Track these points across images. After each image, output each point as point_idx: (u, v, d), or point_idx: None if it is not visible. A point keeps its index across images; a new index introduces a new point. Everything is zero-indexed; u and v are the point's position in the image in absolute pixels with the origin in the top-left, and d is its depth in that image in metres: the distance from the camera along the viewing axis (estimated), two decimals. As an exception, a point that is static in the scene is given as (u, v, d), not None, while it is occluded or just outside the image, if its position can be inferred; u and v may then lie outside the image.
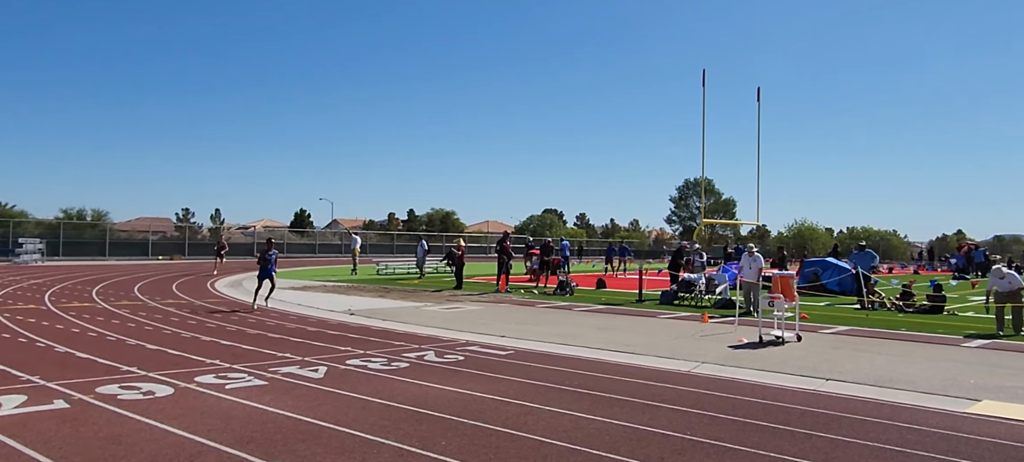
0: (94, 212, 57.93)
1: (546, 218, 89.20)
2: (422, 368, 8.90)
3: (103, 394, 6.96)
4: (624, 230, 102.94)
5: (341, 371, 8.57)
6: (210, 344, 10.60)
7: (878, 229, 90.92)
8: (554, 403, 7.00)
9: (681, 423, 6.32)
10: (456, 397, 7.22)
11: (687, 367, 9.31)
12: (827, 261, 24.20)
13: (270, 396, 7.07)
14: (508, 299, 19.37)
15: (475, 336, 12.00)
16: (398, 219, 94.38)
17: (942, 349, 11.06)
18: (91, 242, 45.95)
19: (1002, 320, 13.03)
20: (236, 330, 12.29)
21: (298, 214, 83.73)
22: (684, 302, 18.29)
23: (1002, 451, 5.68)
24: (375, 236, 69.59)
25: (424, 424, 6.11)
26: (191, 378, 7.87)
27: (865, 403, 7.37)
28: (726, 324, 13.59)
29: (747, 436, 5.94)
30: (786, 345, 11.05)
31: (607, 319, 14.76)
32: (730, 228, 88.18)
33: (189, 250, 48.41)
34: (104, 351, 9.69)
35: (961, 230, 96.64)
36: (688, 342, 11.46)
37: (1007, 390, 8.02)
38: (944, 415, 6.90)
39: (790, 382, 8.37)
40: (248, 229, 72.50)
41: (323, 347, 10.49)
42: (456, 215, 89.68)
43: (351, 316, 14.89)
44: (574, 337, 11.89)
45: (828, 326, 13.65)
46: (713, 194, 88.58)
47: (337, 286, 23.53)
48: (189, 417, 6.17)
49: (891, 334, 12.75)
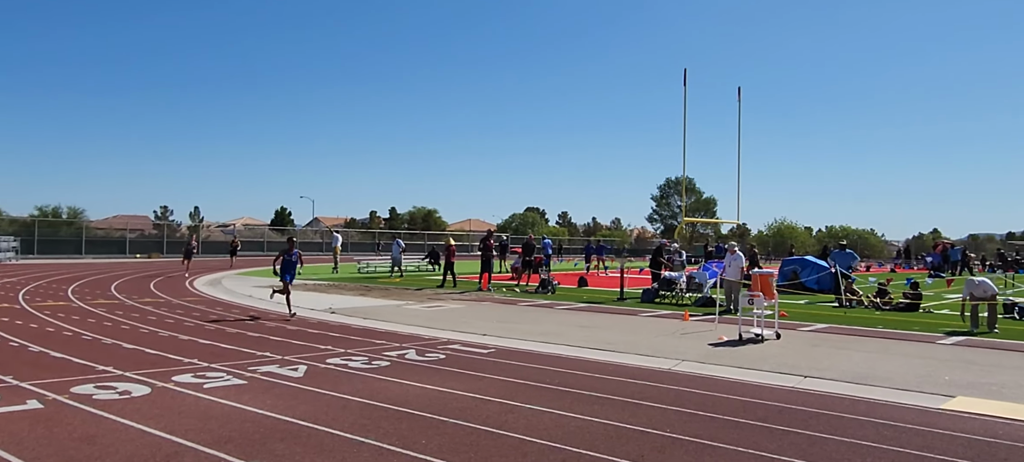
0: (70, 209, 57.04)
1: (528, 217, 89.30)
2: (403, 367, 8.86)
3: (78, 394, 6.86)
4: (606, 229, 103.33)
5: (321, 370, 8.51)
6: (188, 343, 10.48)
7: (856, 228, 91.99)
8: (535, 401, 7.01)
9: (661, 420, 6.35)
10: (437, 396, 7.20)
11: (668, 365, 9.36)
12: (806, 259, 24.45)
13: (249, 395, 7.01)
14: (490, 298, 19.36)
15: (457, 334, 11.98)
16: (380, 217, 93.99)
17: (918, 346, 11.21)
18: (67, 240, 45.30)
19: (976, 318, 13.23)
20: (215, 329, 12.17)
21: (279, 212, 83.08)
22: (665, 300, 18.39)
23: (975, 446, 5.77)
24: (356, 234, 69.29)
25: (405, 423, 6.09)
26: (169, 377, 7.78)
27: (842, 400, 7.46)
28: (706, 322, 13.68)
29: (726, 433, 5.98)
30: (765, 343, 11.15)
31: (588, 317, 14.79)
32: (710, 227, 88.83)
33: (167, 248, 47.86)
34: (79, 350, 9.55)
35: (937, 229, 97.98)
36: (669, 340, 11.52)
37: (981, 386, 8.14)
38: (920, 411, 6.99)
39: (769, 379, 8.44)
40: (228, 227, 71.83)
41: (303, 346, 10.41)
42: (438, 213, 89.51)
43: (332, 315, 14.80)
44: (555, 335, 11.91)
45: (807, 324, 13.78)
46: (694, 193, 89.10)
47: (318, 284, 23.38)
48: (166, 417, 6.10)
49: (868, 332, 12.91)
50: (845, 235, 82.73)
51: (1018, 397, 7.62)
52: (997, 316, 13.31)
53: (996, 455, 5.55)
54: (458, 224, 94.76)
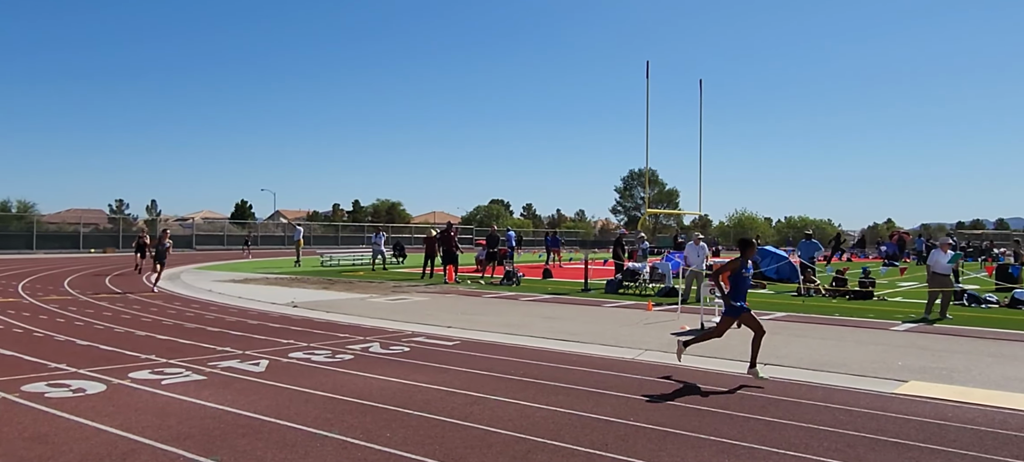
0: (20, 203, 55.25)
1: (493, 209, 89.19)
2: (367, 360, 8.79)
3: (29, 392, 6.66)
4: (570, 220, 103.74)
5: (283, 364, 8.40)
6: (145, 339, 10.25)
7: (814, 218, 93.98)
8: (500, 392, 7.02)
9: (625, 409, 6.41)
10: (401, 388, 7.16)
11: (631, 355, 9.45)
12: (766, 249, 24.86)
13: (209, 391, 6.88)
14: (455, 290, 19.31)
15: (421, 327, 11.92)
16: (343, 210, 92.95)
17: (872, 333, 11.51)
18: (17, 235, 43.90)
19: (932, 305, 13.58)
20: (173, 324, 11.92)
21: (239, 205, 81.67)
22: (629, 291, 18.55)
23: (927, 429, 5.95)
24: (319, 227, 68.42)
25: (369, 416, 6.04)
26: (125, 374, 7.60)
27: (800, 386, 7.62)
28: (670, 312, 13.84)
29: (689, 421, 6.07)
30: (726, 331, 11.30)
31: (553, 309, 14.86)
32: (674, 218, 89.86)
33: (123, 243, 46.67)
34: (31, 348, 9.27)
35: (890, 219, 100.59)
36: (632, 330, 11.64)
37: (932, 371, 8.40)
38: (874, 396, 7.18)
39: (730, 367, 8.58)
40: (186, 221, 70.31)
41: (265, 340, 10.26)
42: (402, 206, 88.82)
43: (294, 308, 14.61)
44: (520, 327, 11.93)
45: (767, 312, 14.04)
46: (657, 184, 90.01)
47: (280, 278, 23.06)
48: (122, 414, 5.95)
49: (825, 319, 13.21)
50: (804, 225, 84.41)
51: (967, 381, 7.88)
52: (949, 303, 13.72)
53: (945, 437, 5.73)
54: (422, 216, 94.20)
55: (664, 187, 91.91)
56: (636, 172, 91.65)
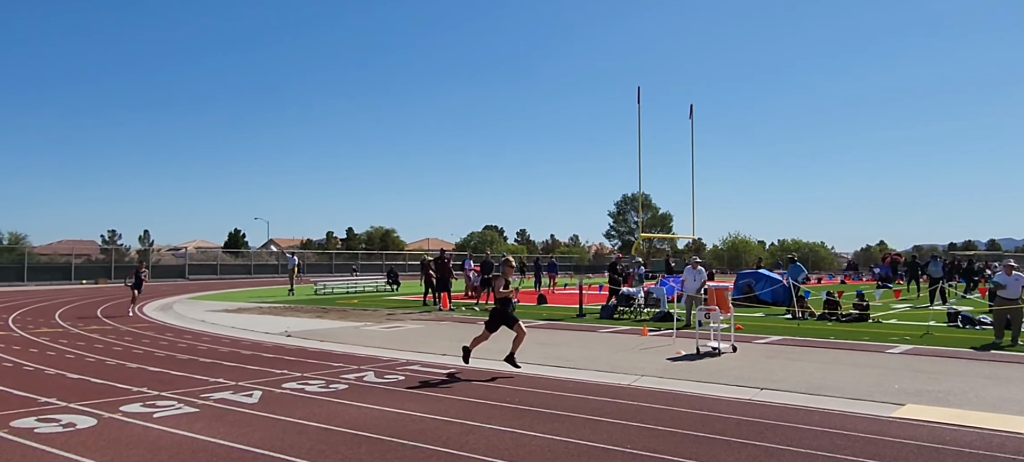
0: (11, 235, 55.10)
1: (487, 235, 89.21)
2: (361, 389, 8.73)
3: (18, 428, 6.57)
4: (564, 245, 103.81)
5: (277, 395, 8.32)
6: (137, 371, 10.15)
7: (807, 241, 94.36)
8: (495, 420, 6.96)
9: (621, 436, 6.37)
10: (395, 418, 7.10)
11: (627, 380, 9.41)
12: (760, 272, 24.90)
13: (201, 423, 6.81)
14: (449, 317, 19.23)
15: (416, 355, 11.86)
16: (337, 238, 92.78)
17: (868, 356, 11.50)
18: (8, 267, 43.61)
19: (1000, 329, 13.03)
20: (165, 356, 11.82)
21: (232, 234, 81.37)
22: (624, 316, 18.52)
23: (925, 452, 5.93)
24: (313, 256, 68.23)
25: (363, 447, 5.98)
26: (116, 408, 7.51)
27: (797, 411, 7.59)
28: (664, 337, 13.81)
29: (685, 447, 6.02)
30: (722, 356, 11.30)
31: (548, 334, 14.81)
32: (667, 242, 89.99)
33: (115, 273, 46.41)
34: (20, 382, 9.16)
35: (883, 241, 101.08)
36: (627, 355, 11.60)
37: (929, 394, 8.38)
38: (871, 420, 7.15)
39: (726, 392, 8.55)
40: (180, 250, 69.98)
41: (258, 371, 10.18)
42: (396, 233, 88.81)
43: (288, 338, 14.51)
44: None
45: (762, 336, 14.03)
46: (650, 209, 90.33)
47: (273, 307, 22.93)
48: (113, 449, 5.88)
49: (821, 343, 13.19)
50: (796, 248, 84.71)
51: (964, 403, 7.86)
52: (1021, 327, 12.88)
53: (943, 460, 5.70)
54: (416, 243, 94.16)
55: (657, 211, 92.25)
56: (629, 196, 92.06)
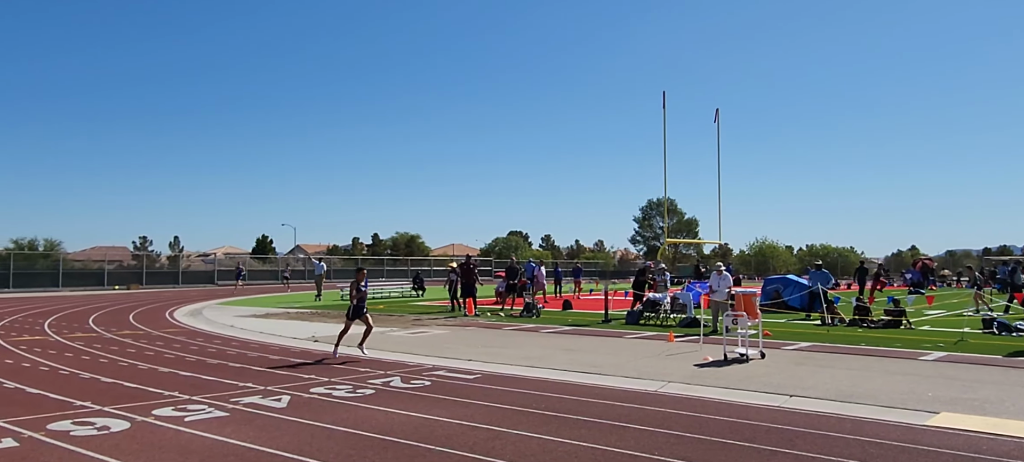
0: (46, 241, 56.36)
1: (512, 240, 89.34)
2: (388, 394, 8.77)
3: (55, 431, 6.71)
4: (590, 251, 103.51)
5: (305, 399, 8.40)
6: (168, 375, 10.32)
7: (836, 246, 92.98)
8: (522, 427, 6.96)
9: (649, 443, 6.33)
10: (422, 423, 7.12)
11: (654, 387, 9.35)
12: (788, 278, 24.60)
13: (231, 427, 6.90)
14: (475, 322, 19.27)
15: (442, 360, 11.89)
16: (362, 243, 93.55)
17: (900, 363, 11.29)
18: (43, 273, 44.63)
19: None
20: (196, 360, 12.00)
21: (260, 240, 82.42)
22: (650, 322, 18.40)
23: (960, 462, 5.80)
24: (339, 261, 68.85)
25: (390, 452, 6.01)
26: (148, 411, 7.64)
27: (828, 418, 7.48)
28: (691, 343, 13.70)
29: (714, 454, 5.96)
30: (750, 362, 11.18)
31: (574, 340, 14.76)
32: (693, 247, 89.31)
33: (147, 279, 47.29)
34: (56, 386, 9.36)
35: (915, 246, 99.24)
36: (654, 362, 11.52)
37: (963, 401, 8.21)
38: (904, 428, 7.02)
39: (755, 399, 8.45)
40: (209, 256, 71.08)
41: (286, 375, 10.29)
42: (421, 239, 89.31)
43: (315, 343, 14.65)
44: (541, 359, 11.86)
45: (791, 343, 13.85)
46: (676, 214, 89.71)
47: (301, 312, 23.15)
48: (146, 452, 5.98)
49: (851, 349, 12.98)
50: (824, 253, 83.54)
51: (1000, 412, 7.68)
52: None
53: (981, 470, 5.58)
54: (441, 248, 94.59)
55: (683, 216, 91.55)
56: (654, 202, 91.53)
